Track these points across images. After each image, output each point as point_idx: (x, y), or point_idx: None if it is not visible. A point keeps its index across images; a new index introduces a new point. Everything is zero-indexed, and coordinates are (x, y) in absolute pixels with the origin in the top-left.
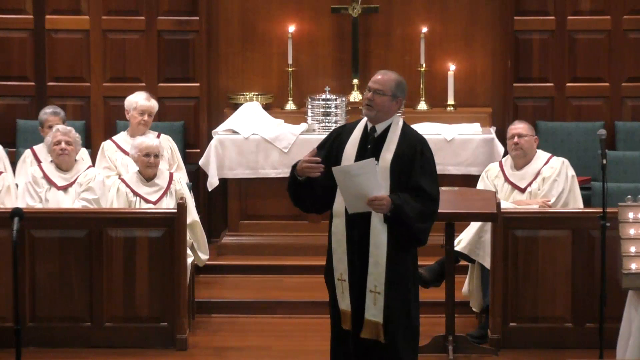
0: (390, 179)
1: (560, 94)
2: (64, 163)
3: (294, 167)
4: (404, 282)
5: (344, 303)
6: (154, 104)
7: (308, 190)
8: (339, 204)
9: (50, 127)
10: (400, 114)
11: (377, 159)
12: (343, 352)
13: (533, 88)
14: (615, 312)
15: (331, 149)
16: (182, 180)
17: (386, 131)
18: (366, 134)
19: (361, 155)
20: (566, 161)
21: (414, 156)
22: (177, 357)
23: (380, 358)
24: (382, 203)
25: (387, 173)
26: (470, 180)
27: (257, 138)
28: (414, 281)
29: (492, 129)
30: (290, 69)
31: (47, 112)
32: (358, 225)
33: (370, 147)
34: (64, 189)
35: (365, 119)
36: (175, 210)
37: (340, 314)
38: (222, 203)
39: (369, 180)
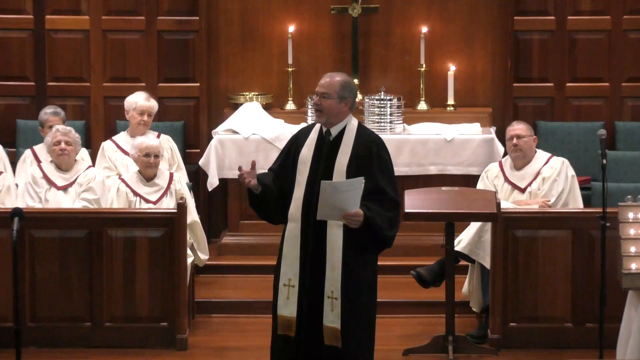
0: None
1: (560, 94)
2: (63, 163)
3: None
4: (360, 286)
5: (288, 309)
6: (153, 104)
7: (265, 203)
8: (295, 209)
9: (51, 127)
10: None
11: (333, 162)
12: (284, 358)
13: (533, 88)
14: (615, 312)
15: (287, 155)
16: (182, 180)
17: (341, 134)
18: (321, 138)
19: (317, 159)
20: (566, 161)
21: (370, 157)
22: (177, 357)
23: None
24: (358, 219)
25: (343, 177)
26: (470, 180)
27: (257, 138)
28: (371, 284)
29: (492, 129)
30: (290, 69)
31: (48, 112)
32: (313, 230)
33: (326, 150)
34: (64, 189)
35: (317, 124)
36: (175, 210)
37: (278, 320)
38: (222, 203)
39: (354, 197)
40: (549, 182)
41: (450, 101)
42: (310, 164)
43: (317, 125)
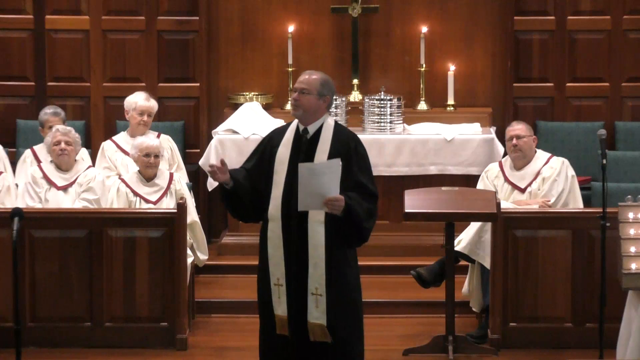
0: None
1: (560, 94)
2: (63, 163)
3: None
4: (344, 281)
5: (281, 308)
6: (153, 104)
7: (237, 199)
8: (274, 209)
9: (51, 127)
10: (331, 114)
11: (312, 159)
12: (277, 357)
13: (533, 88)
14: (615, 312)
15: (263, 154)
16: (182, 180)
17: (318, 132)
18: (298, 136)
19: (295, 157)
20: (566, 161)
21: (349, 154)
22: (177, 357)
23: (318, 357)
24: (340, 204)
25: None
26: (470, 180)
27: (257, 138)
28: (355, 279)
29: (492, 129)
30: (290, 69)
31: (48, 112)
32: (294, 228)
33: (304, 148)
34: (64, 189)
35: (296, 122)
36: (175, 210)
37: (275, 319)
38: (222, 203)
39: (332, 180)
40: (549, 182)
41: (450, 101)
42: (287, 163)
43: (293, 125)
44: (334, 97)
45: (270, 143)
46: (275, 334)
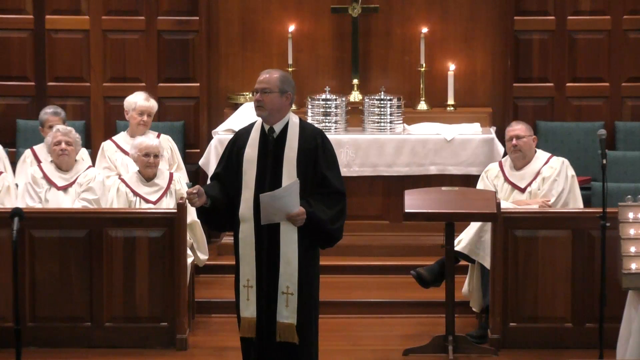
0: (298, 175)
1: (560, 94)
2: (64, 163)
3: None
4: (311, 281)
5: (249, 310)
6: (153, 104)
7: (214, 213)
8: (246, 209)
9: (51, 127)
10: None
11: (281, 158)
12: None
13: (533, 88)
14: (615, 312)
15: (230, 157)
16: (182, 180)
17: (284, 130)
18: (264, 136)
19: (263, 156)
20: (566, 161)
21: (316, 149)
22: (177, 357)
23: (281, 358)
24: (302, 217)
25: (294, 171)
26: (470, 180)
27: None
28: (318, 279)
29: (492, 129)
30: (290, 69)
31: (48, 112)
32: (266, 227)
33: (271, 148)
34: (64, 189)
35: (259, 121)
36: (175, 210)
37: (241, 322)
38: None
39: (292, 199)
40: (548, 182)
41: (450, 101)
42: (256, 162)
43: (257, 125)
44: (295, 94)
45: (236, 144)
46: (243, 339)
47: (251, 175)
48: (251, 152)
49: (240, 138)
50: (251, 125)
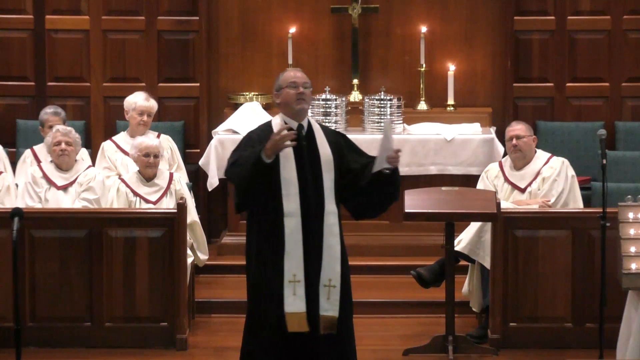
0: (334, 169)
1: (560, 94)
2: (64, 163)
3: (259, 152)
4: (347, 275)
5: (296, 305)
6: (153, 104)
7: (261, 178)
8: (292, 204)
9: (51, 127)
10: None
11: (317, 153)
12: (288, 357)
13: (533, 88)
14: (615, 312)
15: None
16: (182, 180)
17: (309, 126)
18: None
19: (299, 152)
20: (566, 161)
21: (340, 142)
22: (177, 357)
23: (336, 352)
24: (399, 154)
25: (331, 164)
26: (470, 180)
27: None
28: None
29: (492, 129)
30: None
31: (48, 112)
32: (311, 221)
33: (305, 143)
34: (64, 188)
35: (278, 119)
36: (175, 210)
37: (286, 318)
38: (222, 203)
39: (391, 136)
40: (549, 182)
41: (450, 101)
42: (294, 159)
43: (275, 123)
44: None
45: (261, 143)
46: (279, 333)
47: (291, 171)
48: (287, 149)
49: (261, 135)
50: (266, 125)
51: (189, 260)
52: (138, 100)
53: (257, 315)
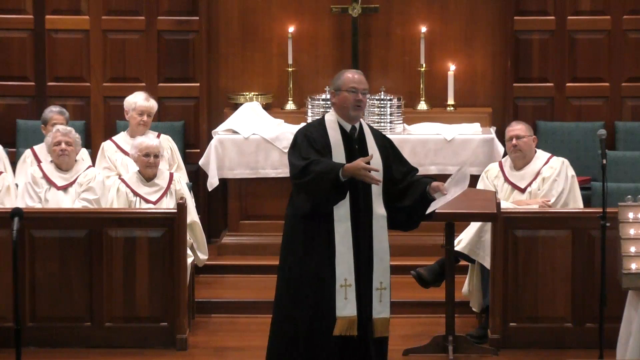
0: (382, 174)
1: (560, 94)
2: (64, 163)
3: (339, 168)
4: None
5: (347, 309)
6: (153, 104)
7: (333, 194)
8: (342, 209)
9: (54, 125)
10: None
11: (367, 154)
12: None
13: (533, 88)
14: (615, 312)
15: (318, 150)
16: (182, 180)
17: (360, 130)
18: (346, 135)
19: (350, 156)
20: (566, 161)
21: (391, 147)
22: (177, 357)
23: (375, 352)
24: None
25: (380, 167)
26: (470, 180)
27: (257, 138)
28: None
29: (492, 129)
30: (290, 69)
31: (54, 110)
32: (360, 225)
33: (356, 146)
34: (64, 188)
35: (332, 120)
36: (175, 210)
37: (337, 322)
38: (222, 203)
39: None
40: (549, 182)
41: (450, 101)
42: (345, 161)
43: (332, 124)
44: None
45: (317, 142)
46: (326, 337)
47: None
48: (339, 150)
49: (317, 135)
50: (318, 123)
51: (189, 260)
52: (138, 100)
53: (300, 320)
